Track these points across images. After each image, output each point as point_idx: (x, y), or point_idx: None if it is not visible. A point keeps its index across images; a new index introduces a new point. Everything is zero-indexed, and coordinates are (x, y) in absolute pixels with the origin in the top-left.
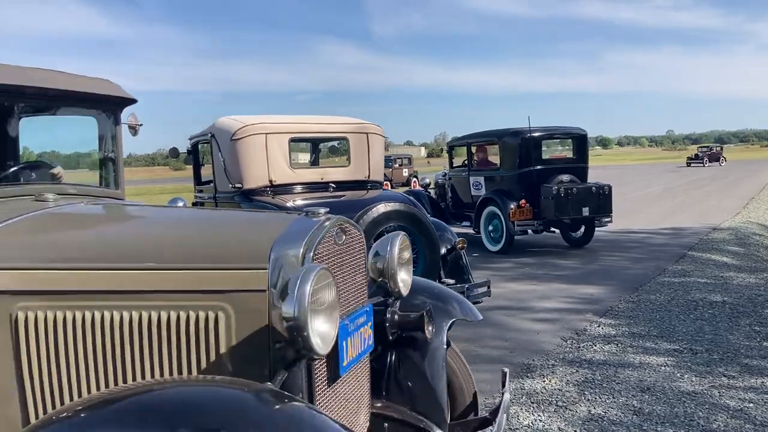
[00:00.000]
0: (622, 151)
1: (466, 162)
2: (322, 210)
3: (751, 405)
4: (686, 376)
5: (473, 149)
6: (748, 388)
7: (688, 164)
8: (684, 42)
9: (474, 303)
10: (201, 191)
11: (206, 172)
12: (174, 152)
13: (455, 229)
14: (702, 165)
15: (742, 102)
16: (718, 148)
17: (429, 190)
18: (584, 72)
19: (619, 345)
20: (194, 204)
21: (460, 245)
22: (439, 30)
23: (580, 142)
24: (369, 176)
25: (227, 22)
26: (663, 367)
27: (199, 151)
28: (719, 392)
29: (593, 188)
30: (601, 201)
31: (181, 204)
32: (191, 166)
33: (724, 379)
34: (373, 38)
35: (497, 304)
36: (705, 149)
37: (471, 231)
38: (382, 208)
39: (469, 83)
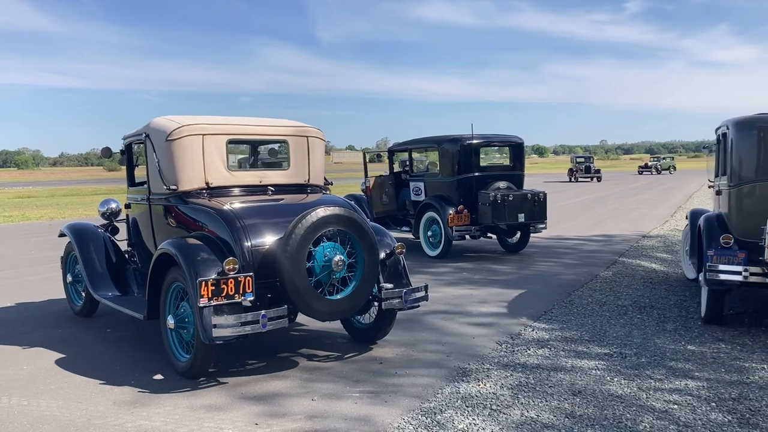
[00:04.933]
0: (558, 160)
1: (406, 167)
2: None
3: (675, 406)
4: (616, 379)
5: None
6: (672, 389)
7: (571, 178)
8: (619, 56)
9: (411, 307)
10: (134, 193)
11: (140, 173)
12: (107, 152)
13: (394, 234)
14: (588, 179)
15: (671, 115)
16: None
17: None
18: (524, 82)
19: (552, 349)
20: (126, 206)
21: (399, 250)
22: (384, 37)
23: (516, 150)
24: (309, 180)
25: (168, 21)
26: (594, 371)
27: (133, 151)
28: (646, 394)
29: (529, 195)
30: (536, 208)
31: (113, 205)
32: (126, 167)
33: (650, 381)
34: (318, 43)
35: (435, 308)
36: (582, 160)
37: (410, 236)
38: (321, 212)
39: (412, 90)
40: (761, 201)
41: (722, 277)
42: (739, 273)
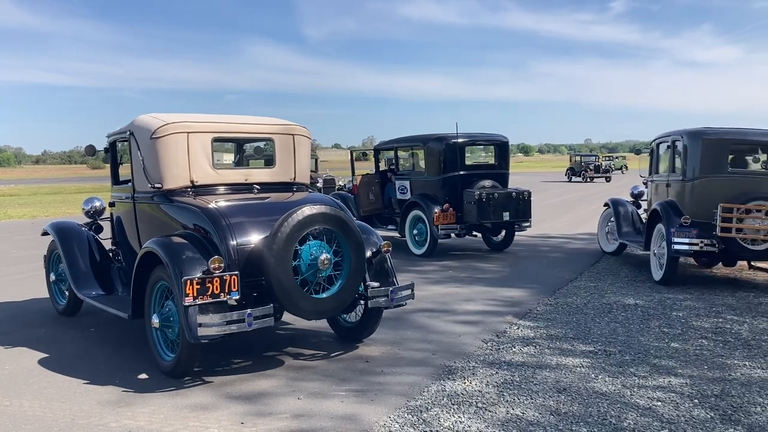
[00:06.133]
0: (543, 159)
1: (392, 166)
2: None
3: (659, 403)
4: (600, 376)
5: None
6: (656, 387)
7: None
8: (604, 55)
9: (397, 306)
10: (118, 191)
11: (125, 171)
12: (90, 150)
13: (380, 233)
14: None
15: (655, 114)
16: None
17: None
18: (511, 81)
19: (538, 347)
20: (110, 204)
21: (385, 248)
22: (372, 35)
23: (501, 148)
24: (295, 178)
25: (153, 19)
26: (579, 368)
27: (118, 149)
28: (630, 391)
29: (513, 194)
30: (521, 206)
31: (97, 203)
32: (110, 165)
33: (634, 378)
34: (305, 41)
35: (421, 306)
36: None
37: (396, 234)
38: (307, 210)
39: (399, 88)
40: (706, 191)
41: (679, 247)
42: (695, 244)
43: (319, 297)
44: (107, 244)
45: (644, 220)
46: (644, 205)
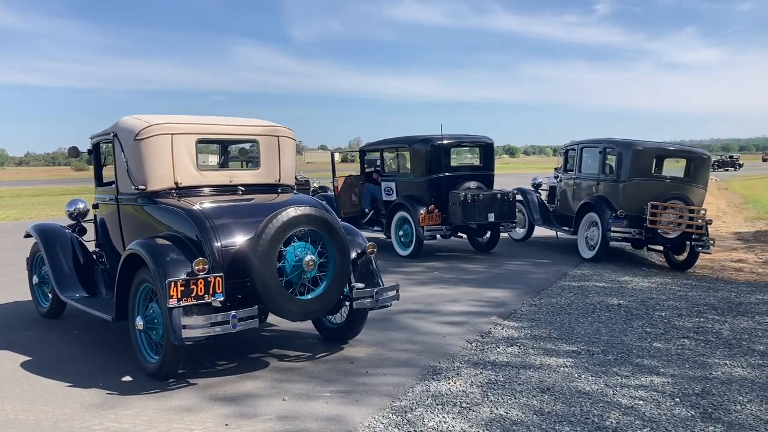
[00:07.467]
0: (528, 160)
1: (377, 168)
2: None
3: (641, 402)
4: (583, 376)
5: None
6: (638, 386)
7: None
8: (590, 57)
9: (382, 307)
10: (102, 193)
11: (108, 173)
12: (74, 151)
13: (366, 234)
14: None
15: (640, 115)
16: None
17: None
18: (496, 83)
19: (522, 347)
20: (94, 206)
21: (370, 250)
22: (358, 37)
23: (486, 150)
24: (280, 180)
25: (137, 19)
26: (562, 368)
27: (101, 151)
28: (613, 391)
29: (498, 195)
30: (506, 207)
31: (81, 205)
32: (93, 167)
33: (617, 378)
34: (292, 42)
35: (406, 307)
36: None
37: (382, 236)
38: (292, 212)
39: (386, 90)
40: (634, 190)
41: (614, 234)
42: (628, 233)
43: (304, 298)
44: (91, 246)
45: (551, 209)
46: (543, 193)
